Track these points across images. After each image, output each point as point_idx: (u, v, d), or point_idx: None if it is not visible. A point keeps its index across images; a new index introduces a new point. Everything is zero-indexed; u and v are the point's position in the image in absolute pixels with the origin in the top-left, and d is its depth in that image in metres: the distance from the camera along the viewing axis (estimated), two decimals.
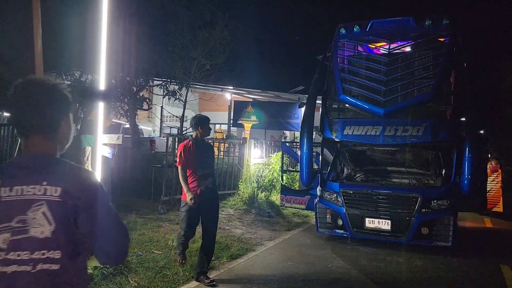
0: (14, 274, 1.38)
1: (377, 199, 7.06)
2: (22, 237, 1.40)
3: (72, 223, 1.44)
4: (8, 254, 1.39)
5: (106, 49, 5.24)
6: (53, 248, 1.41)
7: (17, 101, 1.51)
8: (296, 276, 5.45)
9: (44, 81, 1.56)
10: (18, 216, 1.41)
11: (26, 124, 1.51)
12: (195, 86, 15.74)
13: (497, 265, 6.30)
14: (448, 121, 7.03)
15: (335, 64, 7.90)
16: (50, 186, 1.43)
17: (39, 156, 1.51)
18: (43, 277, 1.40)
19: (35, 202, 1.42)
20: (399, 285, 5.28)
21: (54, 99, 1.53)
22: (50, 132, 1.53)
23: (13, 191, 1.43)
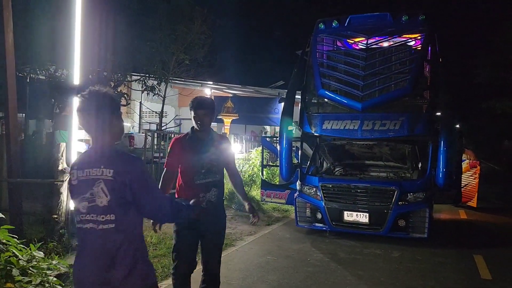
0: (90, 229, 2.02)
1: (355, 193, 7.15)
2: (93, 204, 2.02)
3: (121, 194, 2.02)
4: (87, 216, 2.03)
5: (81, 43, 5.14)
6: (109, 213, 2.01)
7: (80, 111, 2.07)
8: (275, 270, 5.48)
9: (97, 92, 2.11)
10: (90, 191, 2.02)
11: (88, 126, 2.09)
12: (175, 81, 15.62)
13: (471, 255, 6.47)
14: (424, 115, 7.16)
15: (314, 59, 7.95)
16: (105, 169, 2.02)
17: (99, 147, 2.10)
18: (104, 234, 2.01)
19: (96, 180, 2.02)
20: (376, 277, 5.36)
21: (105, 104, 2.09)
22: (104, 129, 2.09)
23: (84, 172, 2.06)
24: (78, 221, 2.08)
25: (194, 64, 13.42)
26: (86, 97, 2.09)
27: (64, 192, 4.99)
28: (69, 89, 5.06)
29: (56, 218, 4.90)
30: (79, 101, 2.09)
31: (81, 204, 2.04)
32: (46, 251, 4.49)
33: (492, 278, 5.46)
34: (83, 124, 2.11)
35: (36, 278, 3.52)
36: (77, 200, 2.07)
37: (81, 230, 2.06)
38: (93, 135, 2.11)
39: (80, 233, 2.09)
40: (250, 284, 4.94)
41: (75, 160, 2.22)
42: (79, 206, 2.05)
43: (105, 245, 2.01)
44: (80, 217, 2.06)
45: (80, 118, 2.10)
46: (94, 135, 2.10)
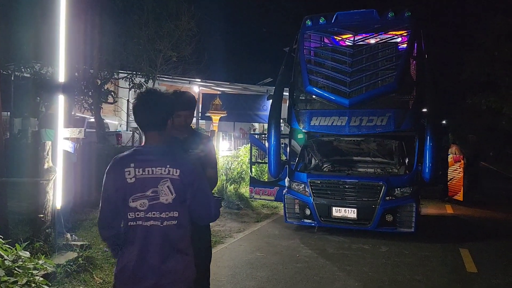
0: (152, 226, 2.07)
1: (343, 188, 7.20)
2: (155, 202, 2.07)
3: (184, 194, 2.11)
4: (148, 213, 2.07)
5: (66, 41, 5.06)
6: (173, 210, 2.09)
7: (137, 107, 2.16)
8: (264, 266, 5.50)
9: (155, 91, 2.24)
10: (152, 188, 2.08)
11: (144, 123, 2.17)
12: (162, 78, 15.50)
13: (457, 248, 6.57)
14: (410, 111, 7.23)
15: (301, 55, 7.96)
16: (172, 168, 2.09)
17: (158, 147, 2.16)
18: (168, 230, 2.09)
19: (162, 179, 2.08)
20: (364, 271, 5.41)
21: (162, 104, 2.17)
22: (161, 128, 2.18)
23: (145, 171, 2.08)
24: (132, 219, 2.08)
25: (181, 61, 13.33)
26: (145, 94, 2.19)
27: (50, 191, 4.93)
28: (54, 87, 4.98)
29: (43, 218, 4.83)
30: (137, 97, 2.17)
31: (138, 201, 2.07)
32: (33, 251, 4.42)
33: (477, 271, 5.56)
34: (140, 121, 2.17)
35: (22, 278, 3.48)
36: (132, 197, 2.08)
37: (137, 228, 2.08)
38: (149, 134, 2.17)
39: (135, 231, 2.08)
40: (239, 281, 4.95)
41: (124, 157, 2.16)
42: (135, 204, 2.07)
43: (168, 240, 2.08)
44: (135, 215, 2.07)
45: (138, 114, 2.16)
46: (150, 134, 2.17)
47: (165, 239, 2.08)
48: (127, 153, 2.17)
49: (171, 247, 2.10)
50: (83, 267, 4.68)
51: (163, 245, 2.08)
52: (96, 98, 11.90)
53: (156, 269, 2.06)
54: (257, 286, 4.81)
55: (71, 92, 8.88)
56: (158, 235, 2.08)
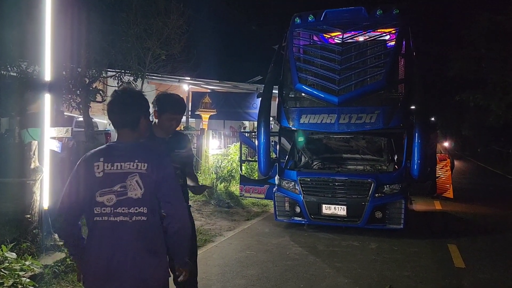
0: (121, 222, 2.06)
1: (333, 186, 7.23)
2: (124, 197, 2.07)
3: (153, 188, 2.09)
4: (117, 209, 2.06)
5: (52, 39, 5.00)
6: (142, 205, 2.07)
7: (110, 105, 2.19)
8: (254, 264, 5.50)
9: (130, 90, 2.32)
10: (120, 183, 2.07)
11: (117, 121, 2.19)
12: (151, 77, 15.38)
13: (445, 244, 6.64)
14: (399, 109, 7.27)
15: (290, 53, 7.96)
16: (140, 163, 2.09)
17: (129, 143, 2.17)
18: (137, 225, 2.07)
19: (130, 174, 2.08)
20: (354, 268, 5.44)
21: (135, 102, 2.21)
22: (133, 126, 2.19)
23: (114, 166, 2.09)
24: (98, 214, 2.07)
25: (171, 60, 13.22)
26: (119, 93, 2.21)
27: (37, 191, 4.87)
28: (40, 85, 4.91)
29: (30, 218, 4.77)
30: (112, 95, 2.20)
31: (105, 197, 2.07)
32: (19, 252, 4.37)
33: (465, 266, 5.63)
34: (113, 118, 2.19)
35: (8, 280, 3.43)
36: (99, 192, 2.07)
37: (104, 223, 2.06)
38: (121, 131, 2.20)
39: (102, 227, 2.07)
40: (229, 279, 4.94)
41: (95, 152, 2.18)
42: (102, 199, 2.07)
43: (138, 236, 2.07)
44: (102, 210, 2.06)
45: (111, 112, 2.19)
46: (122, 131, 2.19)
47: (134, 235, 2.06)
48: (98, 148, 2.20)
49: (141, 245, 2.07)
50: (71, 268, 4.62)
51: (132, 242, 2.06)
52: (84, 97, 11.77)
53: (125, 267, 2.04)
54: (247, 284, 4.81)
55: (57, 91, 8.76)
56: (128, 231, 2.06)
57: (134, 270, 2.05)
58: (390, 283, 4.88)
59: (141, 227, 2.08)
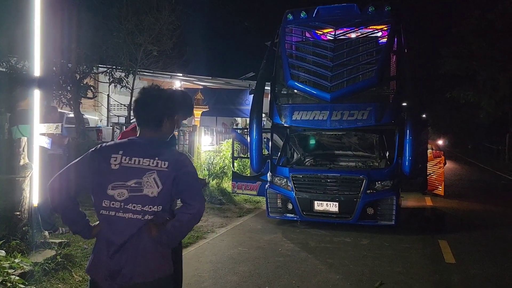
0: (130, 219, 1.99)
1: (325, 182, 7.24)
2: (137, 194, 2.00)
3: (170, 186, 2.03)
4: (127, 205, 1.99)
5: (41, 34, 4.93)
6: (158, 204, 2.01)
7: (137, 102, 2.16)
8: (246, 261, 5.50)
9: (158, 88, 2.20)
10: (135, 179, 2.01)
11: (139, 118, 2.17)
12: (143, 73, 15.29)
13: (436, 240, 6.69)
14: (390, 105, 7.31)
15: (283, 50, 7.95)
16: (160, 161, 2.04)
17: (151, 139, 2.14)
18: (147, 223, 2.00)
19: (148, 171, 2.02)
20: (345, 264, 5.46)
21: (160, 102, 2.16)
22: (156, 126, 2.16)
23: (132, 160, 2.04)
24: (106, 207, 2.01)
25: (162, 56, 13.15)
26: (146, 90, 2.18)
27: (26, 188, 4.81)
28: (29, 81, 4.85)
29: (19, 215, 4.72)
30: (139, 92, 2.18)
31: (117, 190, 2.01)
32: (9, 249, 4.32)
33: (455, 261, 5.68)
34: (136, 115, 2.18)
35: None
36: (111, 185, 2.01)
37: (111, 218, 2.00)
38: (143, 129, 2.16)
39: (109, 220, 2.01)
40: (221, 276, 4.93)
41: (115, 144, 2.14)
42: (113, 192, 2.01)
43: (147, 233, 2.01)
44: (111, 204, 2.01)
45: (134, 109, 2.18)
46: (144, 129, 2.16)
47: (144, 233, 2.01)
48: (119, 141, 2.17)
49: (148, 240, 2.02)
50: (62, 265, 4.59)
51: (141, 239, 2.01)
52: (75, 93, 11.67)
53: (132, 263, 1.99)
54: (239, 280, 4.81)
55: (47, 87, 8.67)
56: (137, 229, 2.00)
57: (141, 265, 2.00)
58: (381, 278, 4.91)
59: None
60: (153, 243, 2.03)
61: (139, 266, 2.00)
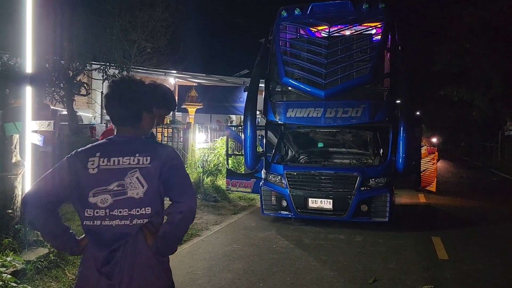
0: (118, 226, 1.79)
1: (319, 180, 7.25)
2: (122, 198, 1.80)
3: (157, 183, 1.82)
4: (113, 211, 1.80)
5: (33, 30, 4.88)
6: (145, 205, 1.81)
7: (109, 98, 1.91)
8: (240, 258, 5.50)
9: (130, 79, 1.95)
10: (117, 182, 1.80)
11: (116, 116, 1.92)
12: (137, 70, 15.22)
13: (429, 237, 6.73)
14: (384, 103, 7.32)
15: (277, 47, 7.94)
16: (141, 157, 1.83)
17: (129, 137, 1.92)
18: (137, 229, 1.82)
19: (130, 170, 1.81)
20: (339, 261, 5.48)
21: (136, 94, 1.92)
22: (135, 123, 1.93)
23: (111, 161, 1.82)
24: (90, 217, 1.81)
25: (156, 53, 13.10)
26: (117, 84, 1.93)
27: (19, 186, 4.78)
28: (21, 78, 4.80)
29: (11, 213, 4.69)
30: (109, 87, 1.92)
31: (99, 197, 1.80)
32: (1, 247, 4.30)
33: (448, 258, 5.71)
34: (111, 113, 1.94)
35: None
36: (92, 192, 1.80)
37: (98, 228, 1.80)
38: (120, 128, 1.94)
39: (95, 231, 1.81)
40: (216, 273, 4.93)
41: (92, 146, 1.91)
42: (95, 200, 1.80)
43: (138, 242, 1.82)
44: (94, 212, 1.80)
45: (108, 107, 1.93)
46: (122, 128, 1.94)
47: (138, 242, 1.82)
48: (96, 143, 1.96)
49: (146, 252, 1.83)
50: (55, 263, 4.57)
51: (136, 249, 1.81)
52: (68, 90, 11.59)
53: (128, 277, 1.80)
54: (233, 278, 4.80)
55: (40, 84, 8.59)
56: (127, 236, 1.80)
57: (139, 279, 1.81)
58: (375, 275, 4.93)
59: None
60: (149, 253, 1.84)
61: (137, 280, 1.81)
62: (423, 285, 4.70)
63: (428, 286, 4.67)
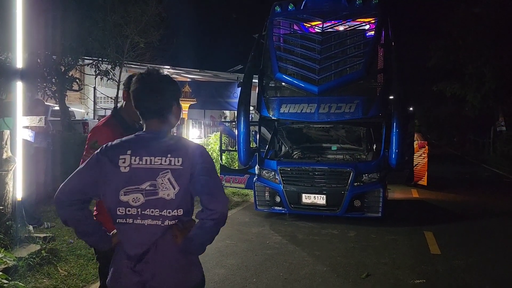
0: (150, 226, 1.80)
1: (313, 175, 7.26)
2: (154, 198, 1.79)
3: (187, 185, 1.80)
4: (145, 210, 1.80)
5: (23, 25, 4.83)
6: (177, 207, 1.81)
7: (140, 91, 1.88)
8: (234, 254, 5.50)
9: (158, 72, 1.91)
10: (149, 181, 1.79)
11: (146, 110, 1.89)
12: (130, 65, 15.11)
13: (422, 231, 6.77)
14: (377, 98, 7.35)
15: (270, 42, 7.92)
16: (173, 157, 1.81)
17: (158, 133, 1.89)
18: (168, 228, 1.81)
19: (162, 171, 1.80)
20: (333, 256, 5.50)
21: (168, 87, 1.91)
22: (165, 115, 1.90)
23: (142, 160, 1.81)
24: (122, 215, 1.80)
25: (149, 48, 13.00)
26: (146, 77, 1.89)
27: (10, 182, 4.74)
28: (12, 73, 4.75)
29: (2, 210, 4.64)
30: (138, 81, 1.88)
31: (131, 195, 1.79)
32: None
33: (440, 252, 5.76)
34: (142, 107, 1.89)
35: None
36: (123, 190, 1.79)
37: (130, 226, 1.80)
38: (150, 121, 1.90)
39: (127, 229, 1.81)
40: (209, 269, 4.92)
41: (121, 143, 1.88)
42: (127, 198, 1.79)
43: (171, 242, 1.82)
44: (126, 211, 1.80)
45: (138, 100, 1.88)
46: (151, 121, 1.90)
47: (168, 241, 1.82)
48: (124, 139, 1.90)
49: (176, 251, 1.84)
50: (47, 260, 4.54)
51: (166, 248, 1.82)
52: (60, 85, 11.48)
53: (160, 275, 1.82)
54: (227, 273, 4.81)
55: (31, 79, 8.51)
56: (158, 236, 1.81)
57: (170, 278, 1.83)
58: (368, 270, 4.96)
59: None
60: (178, 251, 1.84)
61: (169, 279, 1.83)
62: (415, 279, 4.73)
63: (420, 281, 4.71)
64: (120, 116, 2.67)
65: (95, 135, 2.60)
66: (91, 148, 2.49)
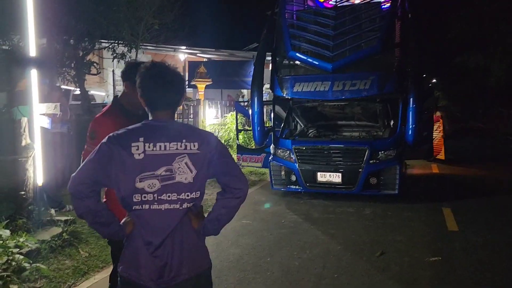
0: (167, 211, 1.84)
1: (328, 154, 7.23)
2: (170, 182, 1.82)
3: (206, 168, 1.88)
4: (161, 195, 1.82)
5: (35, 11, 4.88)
6: (195, 190, 1.86)
7: (152, 81, 1.88)
8: (249, 233, 5.58)
9: (169, 65, 1.94)
10: (165, 167, 1.82)
11: (159, 101, 1.90)
12: (146, 47, 15.17)
13: (440, 208, 6.70)
14: (393, 74, 7.18)
15: (283, 19, 7.80)
16: (189, 142, 1.85)
17: (166, 121, 1.91)
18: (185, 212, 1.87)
19: (178, 155, 1.83)
20: (347, 234, 5.52)
21: (181, 80, 1.95)
22: (175, 107, 1.96)
23: (157, 146, 1.82)
24: (138, 202, 1.82)
25: (164, 29, 12.99)
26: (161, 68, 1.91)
27: (30, 168, 4.89)
28: (26, 60, 4.84)
29: (24, 195, 4.82)
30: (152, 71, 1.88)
31: (146, 182, 1.81)
32: (16, 228, 4.44)
33: (458, 229, 5.70)
34: (155, 98, 1.89)
35: (2, 257, 3.49)
36: (138, 177, 1.80)
37: (146, 212, 1.83)
38: (159, 112, 1.91)
39: (144, 215, 1.84)
40: (224, 248, 5.02)
41: (131, 130, 1.87)
42: (142, 185, 1.81)
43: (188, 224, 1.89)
44: (142, 197, 1.82)
45: (151, 91, 1.88)
46: (160, 112, 1.91)
47: (185, 225, 1.88)
48: (133, 127, 1.90)
49: (188, 228, 1.89)
50: (68, 242, 4.72)
51: (184, 232, 1.88)
52: (79, 69, 11.64)
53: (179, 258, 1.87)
54: (242, 253, 4.89)
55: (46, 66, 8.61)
56: (177, 220, 1.85)
57: (188, 261, 1.89)
58: (382, 248, 4.96)
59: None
60: (195, 235, 1.91)
61: (186, 262, 1.88)
62: (430, 257, 4.72)
63: (436, 258, 4.69)
64: (121, 105, 2.68)
65: (94, 125, 2.62)
66: (91, 139, 2.50)
